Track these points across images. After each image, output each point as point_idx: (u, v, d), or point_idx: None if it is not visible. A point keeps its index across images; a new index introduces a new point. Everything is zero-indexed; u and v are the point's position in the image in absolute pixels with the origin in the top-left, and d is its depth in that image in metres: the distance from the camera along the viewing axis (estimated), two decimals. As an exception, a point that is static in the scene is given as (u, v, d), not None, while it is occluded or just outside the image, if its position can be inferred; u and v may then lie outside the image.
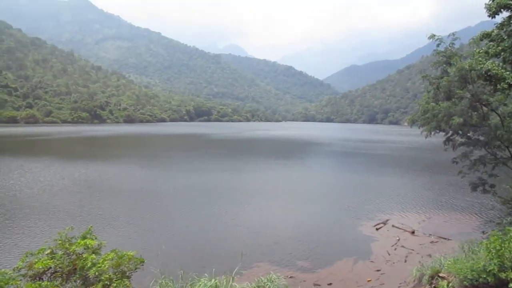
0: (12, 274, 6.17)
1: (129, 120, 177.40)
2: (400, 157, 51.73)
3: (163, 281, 8.17)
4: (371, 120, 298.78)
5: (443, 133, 16.57)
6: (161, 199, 22.32)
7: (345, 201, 23.09)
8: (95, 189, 24.50)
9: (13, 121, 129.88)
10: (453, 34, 15.65)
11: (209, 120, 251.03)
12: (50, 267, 6.50)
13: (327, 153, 56.59)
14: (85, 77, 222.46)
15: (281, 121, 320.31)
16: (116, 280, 6.31)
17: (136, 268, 7.00)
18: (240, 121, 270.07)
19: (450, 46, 15.27)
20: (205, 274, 8.59)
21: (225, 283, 8.33)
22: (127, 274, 6.78)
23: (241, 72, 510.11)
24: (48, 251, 6.80)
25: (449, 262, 9.48)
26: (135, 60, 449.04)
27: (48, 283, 6.09)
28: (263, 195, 24.40)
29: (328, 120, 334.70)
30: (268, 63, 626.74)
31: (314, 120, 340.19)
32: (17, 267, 6.38)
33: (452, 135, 16.46)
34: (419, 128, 17.14)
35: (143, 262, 7.15)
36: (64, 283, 6.43)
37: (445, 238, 16.13)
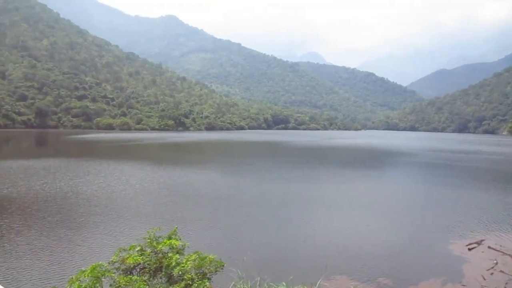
0: (108, 267, 6.74)
1: (210, 128, 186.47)
2: (501, 171, 46.04)
3: (241, 285, 8.24)
4: (462, 129, 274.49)
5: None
6: (242, 206, 22.83)
7: (433, 216, 21.27)
8: (180, 192, 25.98)
9: (109, 127, 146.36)
10: None
11: (286, 128, 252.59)
12: (140, 263, 6.98)
13: (413, 164, 52.95)
14: (171, 87, 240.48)
15: (360, 129, 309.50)
16: (197, 281, 6.53)
17: (216, 271, 7.18)
18: (317, 129, 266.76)
19: None
20: (283, 283, 8.48)
21: (302, 292, 8.13)
22: (208, 275, 6.98)
23: (319, 79, 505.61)
24: (138, 248, 7.31)
25: None
26: (216, 70, 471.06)
27: (138, 277, 6.52)
28: (345, 207, 23.58)
29: (412, 128, 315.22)
30: (347, 70, 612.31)
31: (397, 129, 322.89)
32: (112, 261, 6.96)
33: None
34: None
35: (223, 265, 7.31)
36: (151, 279, 6.85)
37: (556, 265, 13.93)
